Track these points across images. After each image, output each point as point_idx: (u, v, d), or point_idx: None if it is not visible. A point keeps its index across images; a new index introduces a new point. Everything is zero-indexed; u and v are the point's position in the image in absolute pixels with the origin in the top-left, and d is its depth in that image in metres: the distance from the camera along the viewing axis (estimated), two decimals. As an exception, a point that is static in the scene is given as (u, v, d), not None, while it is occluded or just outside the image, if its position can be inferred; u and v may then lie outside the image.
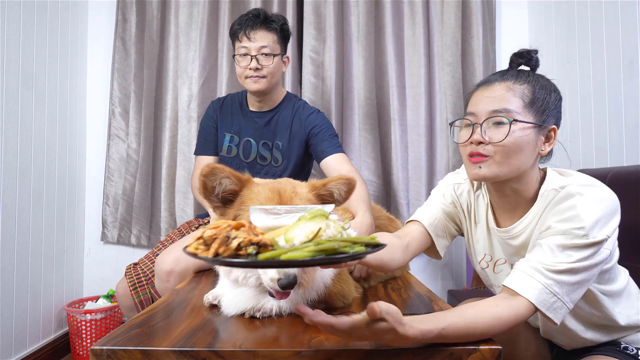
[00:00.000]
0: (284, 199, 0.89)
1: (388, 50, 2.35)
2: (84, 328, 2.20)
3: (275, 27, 1.72)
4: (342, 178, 0.96)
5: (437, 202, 1.18)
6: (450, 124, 1.08)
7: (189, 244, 0.67)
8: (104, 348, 0.74)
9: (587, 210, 0.87)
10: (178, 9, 2.42)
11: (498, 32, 2.47)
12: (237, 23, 1.72)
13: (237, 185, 0.92)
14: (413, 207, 2.33)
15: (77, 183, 2.46)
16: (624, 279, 1.04)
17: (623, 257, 1.01)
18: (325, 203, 0.96)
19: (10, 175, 1.93)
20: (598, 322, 1.02)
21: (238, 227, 0.66)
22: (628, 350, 1.01)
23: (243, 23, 1.69)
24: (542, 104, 0.96)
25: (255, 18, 1.69)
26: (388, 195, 2.39)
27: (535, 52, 1.02)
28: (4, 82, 1.89)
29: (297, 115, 1.80)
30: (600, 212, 0.87)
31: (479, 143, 0.95)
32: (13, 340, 1.96)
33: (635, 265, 1.14)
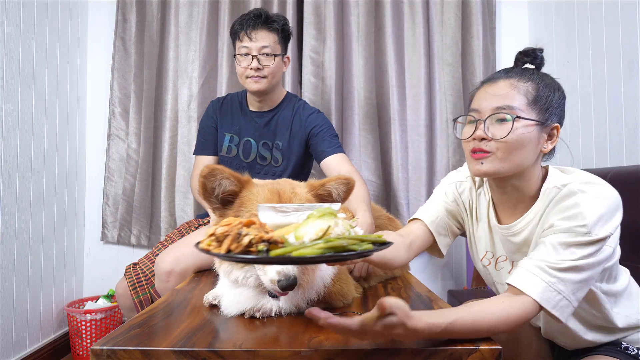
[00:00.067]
0: (283, 200, 0.89)
1: (388, 50, 2.35)
2: (84, 328, 2.20)
3: (277, 27, 1.71)
4: (340, 178, 0.96)
5: (439, 200, 1.18)
6: (454, 120, 1.08)
7: (202, 241, 0.68)
8: (104, 348, 0.74)
9: (589, 208, 0.87)
10: (178, 9, 2.42)
11: (498, 32, 2.47)
12: (238, 23, 1.72)
13: (236, 186, 0.92)
14: (413, 207, 2.33)
15: (77, 183, 2.46)
16: (625, 279, 1.04)
17: (623, 257, 1.01)
18: (325, 203, 0.96)
19: (10, 175, 1.93)
20: (597, 322, 1.02)
21: (249, 224, 0.67)
22: (629, 351, 1.01)
23: (244, 23, 1.69)
24: (545, 102, 0.96)
25: (257, 18, 1.69)
26: (388, 195, 2.39)
27: (541, 50, 1.03)
28: (4, 82, 1.89)
29: (297, 116, 1.79)
30: (603, 209, 0.87)
31: (482, 139, 0.96)
32: (13, 340, 1.96)
33: (636, 265, 1.14)
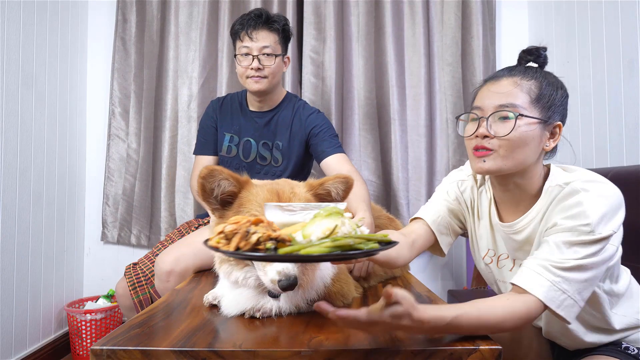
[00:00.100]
0: (283, 200, 0.89)
1: (388, 50, 2.35)
2: (84, 328, 2.20)
3: (277, 27, 1.71)
4: (339, 177, 0.96)
5: (440, 199, 1.19)
6: (457, 118, 1.08)
7: (210, 238, 0.69)
8: (104, 348, 0.74)
9: (592, 207, 0.87)
10: (178, 9, 2.42)
11: (498, 32, 2.47)
12: (238, 22, 1.72)
13: (235, 187, 0.92)
14: (413, 207, 2.33)
15: (77, 183, 2.46)
16: (626, 279, 1.05)
17: (623, 256, 1.01)
18: (324, 202, 0.96)
19: (10, 175, 1.93)
20: (595, 324, 1.02)
21: (257, 222, 0.69)
22: (629, 351, 1.01)
23: (245, 23, 1.69)
24: (548, 100, 0.96)
25: (258, 18, 1.68)
26: (388, 195, 2.39)
27: (544, 49, 1.03)
28: (4, 82, 1.89)
29: (297, 116, 1.79)
30: (605, 208, 0.88)
31: (484, 137, 0.96)
32: (13, 340, 1.96)
33: (636, 265, 1.14)
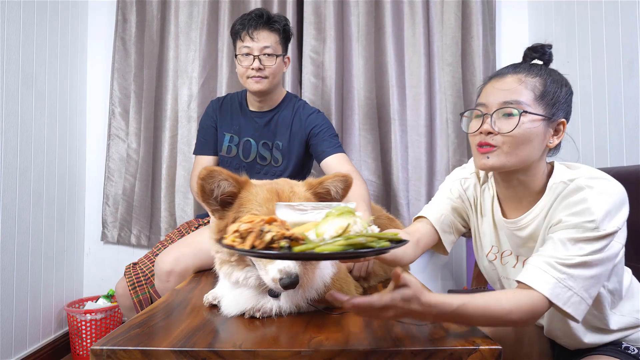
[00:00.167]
0: (282, 199, 0.89)
1: (388, 50, 2.35)
2: (84, 328, 2.20)
3: (278, 27, 1.71)
4: (338, 175, 0.96)
5: (444, 197, 1.19)
6: (461, 114, 1.09)
7: (225, 237, 0.70)
8: (104, 348, 0.74)
9: (597, 203, 0.87)
10: (178, 9, 2.42)
11: (498, 32, 2.46)
12: (239, 22, 1.71)
13: (235, 188, 0.92)
14: (413, 207, 2.33)
15: (77, 183, 2.46)
16: (628, 278, 1.05)
17: (624, 257, 1.01)
18: (323, 201, 0.97)
19: (10, 175, 1.93)
20: (593, 322, 1.03)
21: (270, 221, 0.70)
22: (629, 351, 1.01)
23: (246, 23, 1.69)
24: (552, 97, 0.96)
25: (259, 18, 1.68)
26: (388, 195, 2.39)
27: (550, 46, 1.03)
28: (4, 82, 1.89)
29: (297, 116, 1.79)
30: (610, 204, 0.88)
31: (488, 133, 0.97)
32: (13, 340, 1.96)
33: (636, 265, 1.14)
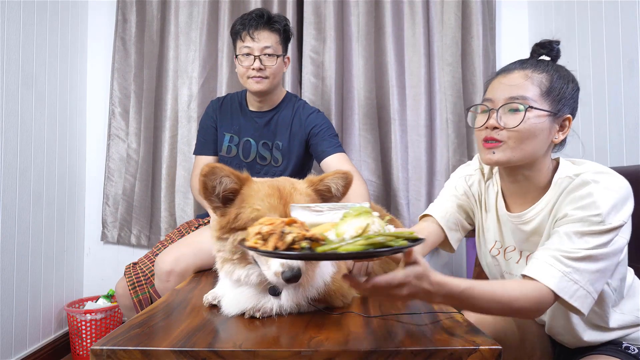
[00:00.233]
0: (284, 195, 0.90)
1: (388, 50, 2.35)
2: (84, 328, 2.20)
3: (279, 27, 1.71)
4: (338, 172, 0.96)
5: (449, 195, 1.20)
6: (467, 109, 1.09)
7: (247, 239, 0.71)
8: (104, 348, 0.74)
9: (603, 197, 0.88)
10: (178, 9, 2.42)
11: (498, 32, 2.46)
12: (239, 22, 1.71)
13: (236, 184, 0.92)
14: (413, 207, 2.33)
15: (77, 183, 2.46)
16: (630, 277, 1.06)
17: (624, 256, 1.02)
18: (324, 198, 0.98)
19: (10, 175, 1.93)
20: (594, 320, 1.03)
21: (290, 223, 0.71)
22: (629, 350, 1.01)
23: (246, 23, 1.69)
24: (558, 93, 0.97)
25: (259, 18, 1.68)
26: (388, 195, 2.38)
27: (557, 42, 1.04)
28: (4, 82, 1.89)
29: (297, 115, 1.79)
30: (615, 199, 0.89)
31: (494, 128, 0.97)
32: (13, 340, 1.96)
33: (637, 266, 1.14)
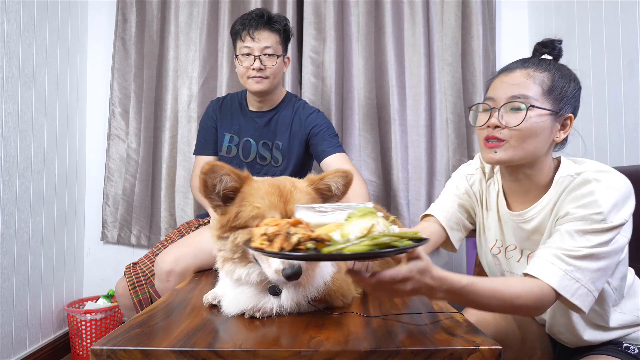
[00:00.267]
0: (284, 193, 0.90)
1: (388, 50, 2.35)
2: (84, 328, 2.20)
3: (279, 27, 1.71)
4: (338, 171, 0.97)
5: (450, 194, 1.21)
6: (469, 108, 1.10)
7: (253, 240, 0.71)
8: (104, 348, 0.74)
9: (604, 196, 0.88)
10: (178, 9, 2.42)
11: (498, 32, 2.46)
12: (239, 22, 1.71)
13: (237, 182, 0.92)
14: (413, 207, 2.33)
15: (77, 183, 2.46)
16: (631, 277, 1.06)
17: (624, 256, 1.02)
18: (324, 197, 0.98)
19: (10, 175, 1.93)
20: (594, 319, 1.03)
21: (296, 224, 0.71)
22: (630, 350, 1.01)
23: (246, 23, 1.68)
24: (560, 92, 0.97)
25: (259, 18, 1.68)
26: (388, 195, 2.38)
27: (560, 42, 1.04)
28: (4, 82, 1.89)
29: (297, 115, 1.79)
30: (617, 197, 0.89)
31: (496, 127, 0.98)
32: (13, 340, 1.96)
33: (636, 265, 1.14)
